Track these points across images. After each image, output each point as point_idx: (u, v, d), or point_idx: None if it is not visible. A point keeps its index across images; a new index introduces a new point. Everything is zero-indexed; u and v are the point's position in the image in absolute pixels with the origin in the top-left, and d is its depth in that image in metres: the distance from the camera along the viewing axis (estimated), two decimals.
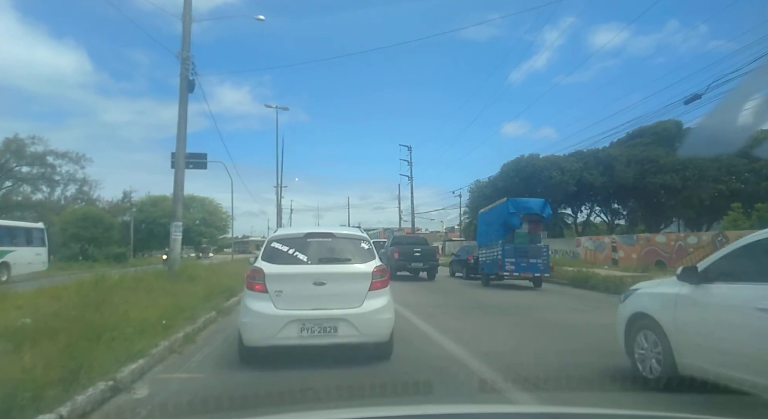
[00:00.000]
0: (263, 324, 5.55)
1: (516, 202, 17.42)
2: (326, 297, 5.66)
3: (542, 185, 38.70)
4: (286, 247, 6.03)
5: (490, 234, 18.33)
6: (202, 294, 9.54)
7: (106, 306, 7.19)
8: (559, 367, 5.77)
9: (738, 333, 3.99)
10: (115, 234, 42.51)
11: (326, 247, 6.15)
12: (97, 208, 43.45)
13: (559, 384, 4.98)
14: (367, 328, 5.67)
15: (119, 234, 44.76)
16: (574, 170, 37.99)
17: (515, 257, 16.39)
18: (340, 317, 5.62)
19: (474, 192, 47.70)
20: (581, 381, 5.07)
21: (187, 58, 13.07)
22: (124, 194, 70.76)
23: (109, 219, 42.18)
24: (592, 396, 4.67)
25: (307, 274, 5.75)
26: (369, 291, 5.80)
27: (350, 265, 6.01)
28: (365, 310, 5.71)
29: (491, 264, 17.24)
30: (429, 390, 4.55)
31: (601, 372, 5.34)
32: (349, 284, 5.82)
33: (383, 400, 4.38)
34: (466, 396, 4.61)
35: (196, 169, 17.79)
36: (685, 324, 4.51)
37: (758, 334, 3.77)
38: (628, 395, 4.65)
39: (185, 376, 5.41)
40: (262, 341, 5.61)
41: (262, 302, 5.62)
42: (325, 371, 5.33)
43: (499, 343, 7.21)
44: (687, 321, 4.51)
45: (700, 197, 33.29)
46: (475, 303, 12.32)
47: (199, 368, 5.79)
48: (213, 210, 76.51)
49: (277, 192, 42.40)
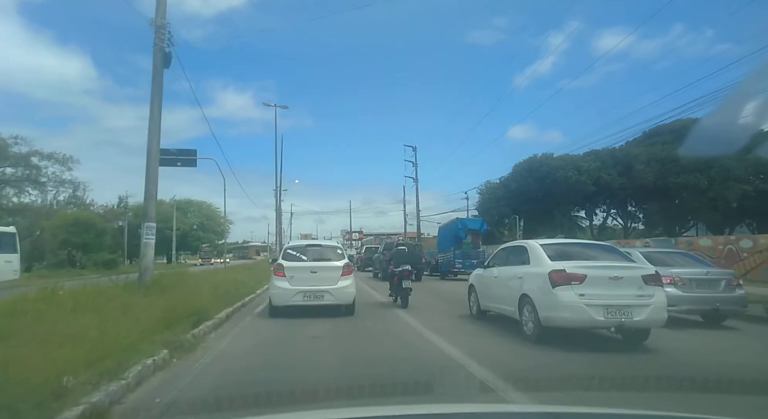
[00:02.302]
0: (283, 293, 10.04)
1: (462, 221, 26.80)
2: (317, 279, 10.06)
3: (559, 186, 36.89)
4: (295, 252, 10.68)
5: (445, 243, 26.05)
6: (162, 316, 7.31)
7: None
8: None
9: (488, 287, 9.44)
10: (108, 240, 40.71)
11: (317, 252, 10.85)
12: (88, 213, 41.35)
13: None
14: (340, 296, 10.07)
15: (112, 239, 42.93)
16: (592, 170, 36.14)
17: (462, 258, 23.98)
18: (325, 290, 9.99)
19: (484, 194, 46.20)
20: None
21: (163, 27, 10.79)
22: (119, 199, 68.89)
23: (101, 224, 40.12)
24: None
25: (306, 267, 10.26)
26: (341, 276, 10.19)
27: (330, 262, 10.41)
28: (338, 286, 10.07)
29: (446, 264, 24.99)
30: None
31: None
32: (330, 272, 10.15)
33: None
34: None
35: (185, 166, 16.20)
36: (480, 286, 9.90)
37: (491, 286, 9.31)
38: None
39: None
40: (282, 302, 10.07)
41: (283, 281, 10.07)
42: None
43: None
44: (480, 285, 9.87)
45: (726, 198, 31.14)
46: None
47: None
48: (211, 215, 74.62)
49: (276, 194, 39.94)
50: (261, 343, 7.40)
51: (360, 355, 6.61)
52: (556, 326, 7.11)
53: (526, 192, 39.63)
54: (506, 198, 42.12)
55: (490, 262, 9.80)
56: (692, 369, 5.81)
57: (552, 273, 7.12)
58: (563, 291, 6.96)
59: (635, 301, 6.90)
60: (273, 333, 8.30)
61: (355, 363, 6.12)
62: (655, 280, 7.12)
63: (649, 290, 7.00)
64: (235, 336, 7.98)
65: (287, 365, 6.04)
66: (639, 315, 6.84)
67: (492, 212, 44.60)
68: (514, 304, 7.97)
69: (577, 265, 7.17)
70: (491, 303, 9.32)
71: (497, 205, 43.17)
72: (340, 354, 6.61)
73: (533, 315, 7.36)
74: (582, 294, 6.89)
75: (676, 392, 4.81)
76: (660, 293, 7.10)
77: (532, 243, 8.42)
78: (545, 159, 39.54)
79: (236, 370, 5.64)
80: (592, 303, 6.82)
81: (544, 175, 37.87)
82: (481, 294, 9.77)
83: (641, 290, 6.97)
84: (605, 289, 6.92)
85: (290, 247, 11.03)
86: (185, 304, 8.28)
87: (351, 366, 5.98)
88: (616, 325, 6.96)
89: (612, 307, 6.84)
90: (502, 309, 8.72)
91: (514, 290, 8.03)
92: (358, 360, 6.31)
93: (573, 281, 6.96)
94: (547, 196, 38.49)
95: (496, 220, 46.35)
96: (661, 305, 7.02)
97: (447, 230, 26.99)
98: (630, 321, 6.83)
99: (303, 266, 10.19)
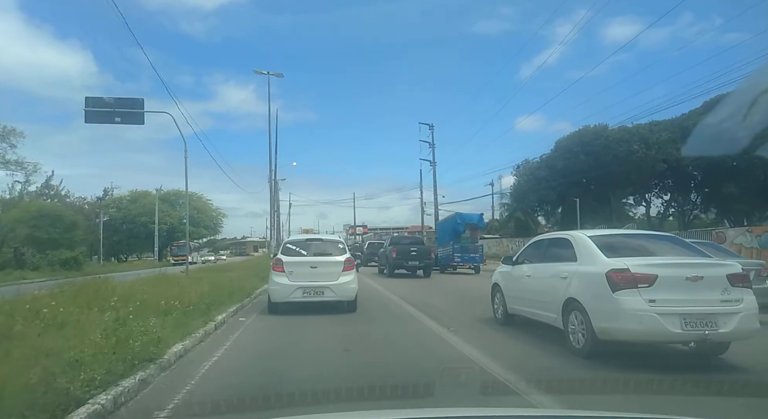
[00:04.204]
0: (282, 289, 9.82)
1: (462, 215, 26.66)
2: (317, 275, 9.86)
3: (619, 162, 29.90)
4: (294, 247, 10.51)
5: (445, 238, 26.70)
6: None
7: None
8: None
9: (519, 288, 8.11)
10: (79, 235, 36.89)
11: (317, 246, 10.61)
12: (55, 204, 37.49)
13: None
14: (341, 292, 9.86)
15: (85, 235, 39.46)
16: (663, 142, 28.78)
17: (461, 252, 24.83)
18: (325, 286, 9.76)
19: (522, 175, 39.20)
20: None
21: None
22: (104, 191, 66.06)
23: (71, 217, 36.21)
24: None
25: (306, 262, 10.05)
26: (342, 272, 9.97)
27: (331, 257, 10.21)
28: (339, 282, 9.85)
29: (445, 258, 25.39)
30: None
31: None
32: (330, 267, 9.99)
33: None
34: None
35: (128, 123, 13.24)
36: (507, 286, 8.53)
37: (522, 286, 7.94)
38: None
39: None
40: (281, 299, 9.88)
41: (282, 277, 9.85)
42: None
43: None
44: (508, 284, 8.48)
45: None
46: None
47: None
48: (202, 208, 68.90)
49: (271, 180, 33.85)
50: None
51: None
52: (618, 339, 5.76)
53: (576, 171, 32.42)
54: (549, 179, 35.18)
55: (519, 258, 8.42)
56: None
57: (611, 274, 5.73)
58: (628, 297, 5.59)
59: (720, 308, 5.53)
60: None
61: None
62: (743, 281, 5.74)
63: (736, 293, 5.61)
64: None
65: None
66: (726, 326, 5.45)
67: (530, 198, 38.66)
68: (555, 310, 6.65)
69: (643, 263, 5.78)
70: (523, 307, 7.96)
71: (538, 188, 36.71)
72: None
73: (584, 325, 5.98)
74: (652, 301, 5.50)
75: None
76: (749, 297, 5.72)
77: (577, 234, 7.01)
78: (599, 130, 32.30)
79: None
80: (667, 311, 5.47)
81: (600, 150, 30.68)
82: (509, 296, 8.44)
83: (727, 293, 5.58)
84: (682, 293, 5.54)
85: (290, 242, 11.04)
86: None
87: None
88: (698, 339, 5.56)
89: (691, 316, 5.47)
90: (537, 314, 7.37)
91: (555, 293, 6.71)
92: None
93: (640, 283, 5.59)
94: (606, 174, 30.86)
95: (536, 207, 40.99)
96: (752, 312, 5.66)
97: (446, 225, 28.03)
98: (715, 333, 5.45)
99: (303, 261, 10.02)
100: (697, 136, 4.46)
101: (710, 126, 3.32)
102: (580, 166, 32.30)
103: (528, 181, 37.68)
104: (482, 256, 26.10)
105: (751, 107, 2.82)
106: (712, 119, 3.32)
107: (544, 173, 35.83)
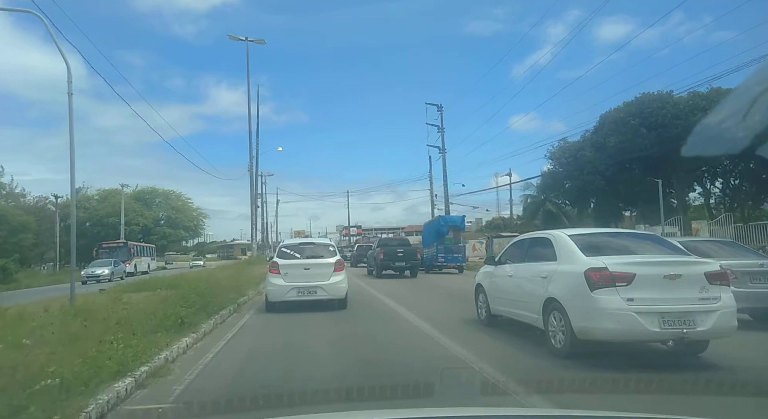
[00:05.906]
0: (278, 289, 10.83)
1: (445, 218, 28.83)
2: (311, 275, 10.82)
3: (697, 137, 25.26)
4: (289, 250, 11.57)
5: (429, 239, 27.86)
6: None
7: None
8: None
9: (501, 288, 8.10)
10: (30, 238, 33.56)
11: (310, 249, 11.58)
12: (3, 205, 33.37)
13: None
14: (332, 291, 10.85)
15: (39, 238, 35.84)
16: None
17: (445, 253, 26.10)
18: (318, 285, 10.73)
19: (559, 157, 32.17)
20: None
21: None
22: (77, 190, 63.14)
23: (19, 218, 32.80)
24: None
25: (300, 264, 11.01)
26: (333, 272, 10.95)
27: (323, 259, 11.16)
28: (331, 282, 10.82)
29: (430, 258, 26.63)
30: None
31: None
32: (322, 269, 10.95)
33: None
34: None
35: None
36: (490, 286, 8.52)
37: (504, 287, 7.96)
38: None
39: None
40: (278, 298, 10.90)
41: (278, 278, 10.84)
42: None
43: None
44: (491, 285, 8.47)
45: None
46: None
47: None
48: (181, 207, 66.30)
49: (251, 166, 31.45)
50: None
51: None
52: (596, 339, 5.85)
53: (634, 148, 25.62)
54: (598, 160, 28.26)
55: (502, 258, 8.51)
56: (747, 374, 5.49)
57: (590, 273, 5.80)
58: (606, 296, 5.67)
59: (698, 306, 5.63)
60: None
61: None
62: (721, 279, 5.83)
63: (714, 291, 5.71)
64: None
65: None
66: (704, 324, 5.54)
67: (569, 186, 31.84)
68: (536, 310, 6.74)
69: (621, 261, 5.86)
70: (505, 308, 8.06)
71: (579, 173, 29.71)
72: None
73: (564, 325, 6.03)
74: (631, 299, 5.58)
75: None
76: (727, 295, 5.84)
77: (557, 233, 7.09)
78: (663, 98, 25.69)
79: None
80: (644, 310, 5.56)
81: (667, 121, 24.20)
82: (492, 297, 8.51)
83: (705, 291, 5.68)
84: (660, 292, 5.64)
85: (285, 246, 12.15)
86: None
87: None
88: (676, 337, 5.64)
89: (669, 314, 5.58)
90: (519, 314, 7.47)
91: (536, 293, 6.80)
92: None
93: (618, 282, 5.66)
94: (679, 156, 22.45)
95: (576, 197, 33.18)
96: (729, 310, 5.78)
97: (430, 226, 29.37)
98: (693, 331, 5.55)
99: (297, 263, 11.03)
100: (697, 135, 4.53)
101: (710, 126, 3.30)
102: (639, 141, 25.50)
103: (570, 162, 30.44)
104: (464, 256, 27.79)
105: (751, 107, 2.79)
106: (712, 119, 3.30)
107: (591, 154, 28.65)
